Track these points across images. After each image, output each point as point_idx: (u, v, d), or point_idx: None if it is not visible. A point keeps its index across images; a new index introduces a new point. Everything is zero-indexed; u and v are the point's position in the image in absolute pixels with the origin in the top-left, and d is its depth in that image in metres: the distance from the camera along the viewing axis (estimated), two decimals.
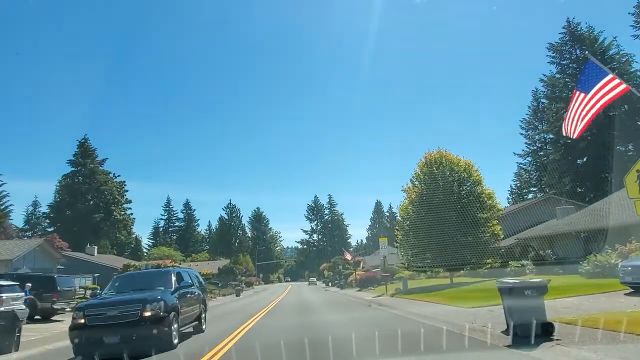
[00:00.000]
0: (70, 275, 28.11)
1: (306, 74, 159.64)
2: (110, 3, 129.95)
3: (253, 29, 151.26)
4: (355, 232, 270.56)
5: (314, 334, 11.26)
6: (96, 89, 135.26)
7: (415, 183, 30.46)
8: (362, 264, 69.42)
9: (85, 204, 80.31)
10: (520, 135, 69.76)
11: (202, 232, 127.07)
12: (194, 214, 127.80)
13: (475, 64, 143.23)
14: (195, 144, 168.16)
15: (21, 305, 12.10)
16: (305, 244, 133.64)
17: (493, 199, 29.27)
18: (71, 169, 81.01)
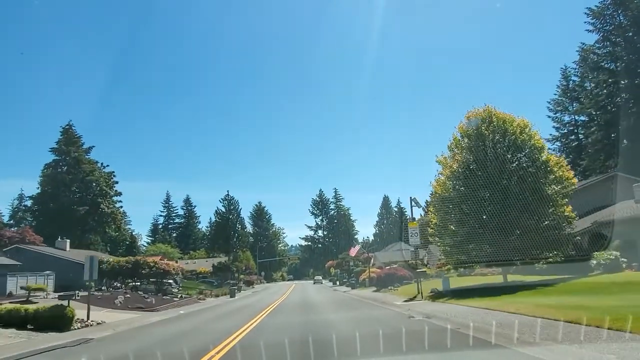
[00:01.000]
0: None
1: (307, 69, 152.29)
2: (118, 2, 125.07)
3: (254, 24, 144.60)
4: (361, 230, 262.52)
5: None
6: (95, 88, 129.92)
7: (455, 151, 23.20)
8: (373, 261, 63.30)
9: (69, 196, 73.34)
10: (548, 119, 62.22)
11: (203, 230, 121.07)
12: (195, 210, 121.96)
13: (490, 53, 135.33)
14: (195, 142, 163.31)
15: None
16: (309, 241, 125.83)
17: (563, 169, 21.97)
18: (54, 157, 73.95)
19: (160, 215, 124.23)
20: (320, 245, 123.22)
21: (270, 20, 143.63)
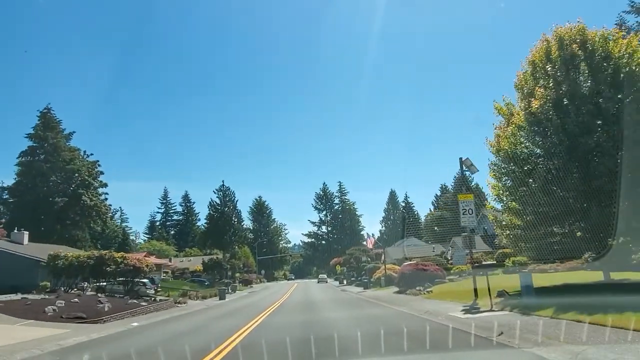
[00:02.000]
0: None
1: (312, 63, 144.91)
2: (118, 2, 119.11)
3: (254, 21, 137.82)
4: (367, 226, 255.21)
5: None
6: (96, 87, 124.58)
7: (531, 86, 15.75)
8: (383, 257, 56.92)
9: (48, 186, 66.11)
10: None
11: (202, 227, 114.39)
12: (194, 207, 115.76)
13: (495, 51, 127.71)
14: (195, 139, 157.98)
15: None
16: (312, 237, 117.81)
17: None
18: (30, 143, 66.76)
19: (158, 212, 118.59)
20: (324, 242, 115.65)
21: (274, 17, 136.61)
